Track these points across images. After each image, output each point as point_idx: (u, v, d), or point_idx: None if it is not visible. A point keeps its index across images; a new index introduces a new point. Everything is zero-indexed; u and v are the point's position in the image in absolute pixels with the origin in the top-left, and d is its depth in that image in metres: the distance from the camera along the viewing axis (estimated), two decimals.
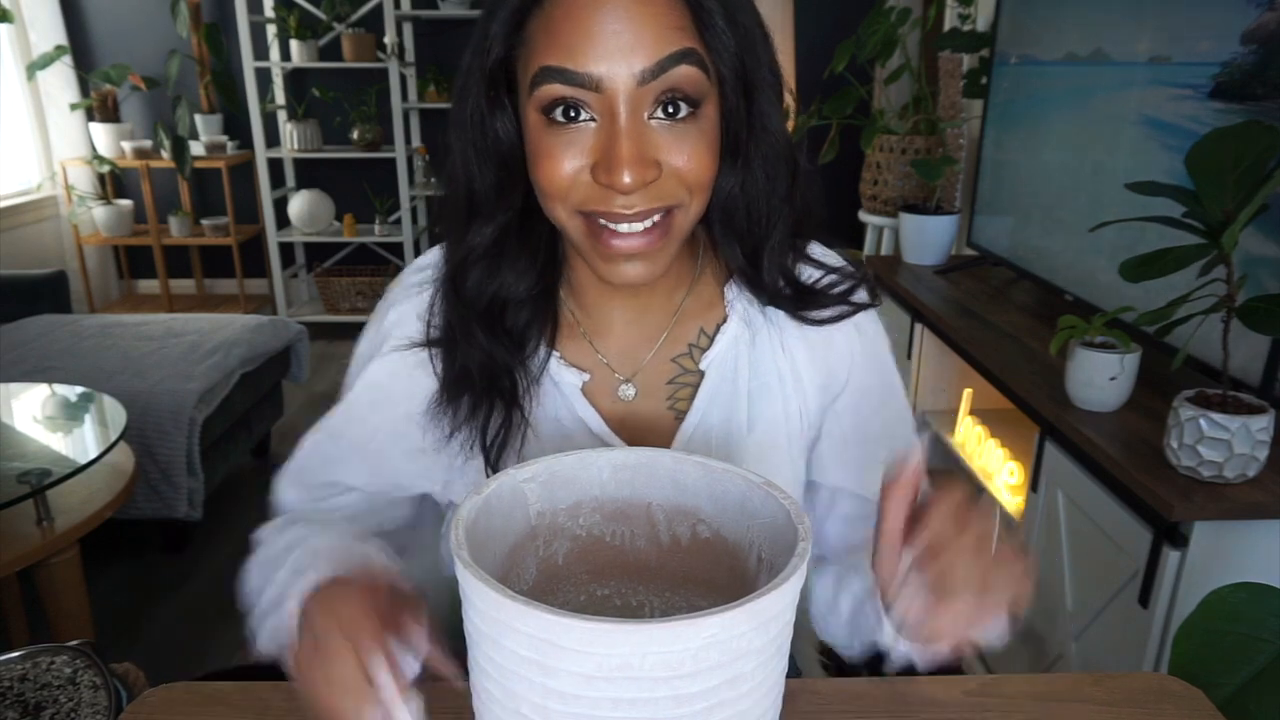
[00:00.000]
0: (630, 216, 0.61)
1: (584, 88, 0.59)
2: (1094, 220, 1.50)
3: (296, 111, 4.12)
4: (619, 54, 0.58)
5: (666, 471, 0.58)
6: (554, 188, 0.62)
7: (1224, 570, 1.17)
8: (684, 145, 0.61)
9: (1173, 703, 0.66)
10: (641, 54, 0.58)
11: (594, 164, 0.61)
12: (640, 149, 0.59)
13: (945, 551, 0.53)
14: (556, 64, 0.59)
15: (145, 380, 2.31)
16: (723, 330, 0.75)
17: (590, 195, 0.62)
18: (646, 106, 0.60)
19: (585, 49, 0.58)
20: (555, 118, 0.61)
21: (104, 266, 4.32)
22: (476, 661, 0.47)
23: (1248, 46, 1.30)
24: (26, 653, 1.05)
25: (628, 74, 0.58)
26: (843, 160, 2.86)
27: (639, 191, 0.60)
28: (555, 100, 0.60)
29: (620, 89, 0.59)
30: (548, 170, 0.62)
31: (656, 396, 0.75)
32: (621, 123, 0.59)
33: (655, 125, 0.61)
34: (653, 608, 0.61)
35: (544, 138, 0.62)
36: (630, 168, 0.59)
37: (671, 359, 0.75)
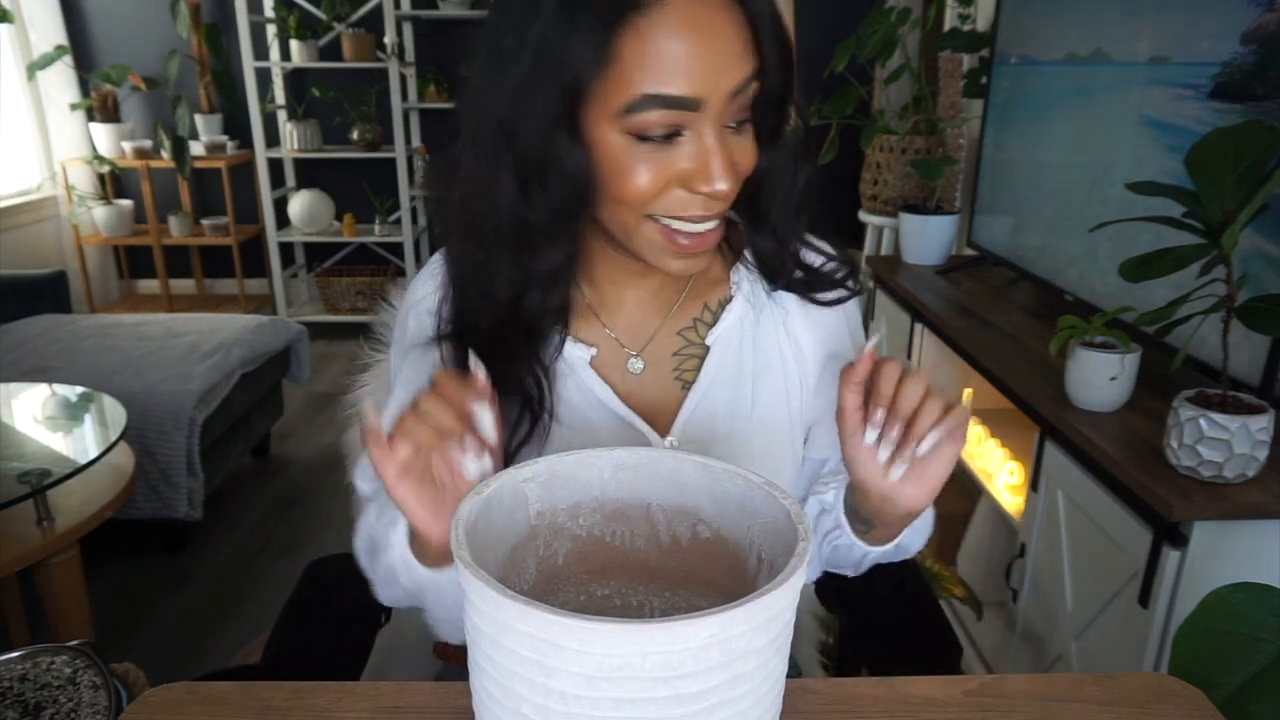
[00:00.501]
0: (711, 216, 0.66)
1: (687, 110, 0.61)
2: (1094, 220, 1.49)
3: (296, 111, 4.12)
4: (714, 75, 0.60)
5: (667, 472, 0.58)
6: (640, 200, 0.64)
7: (1224, 570, 1.17)
8: (746, 149, 0.66)
9: (1173, 703, 0.66)
10: (729, 74, 0.61)
11: (689, 175, 0.63)
12: (730, 158, 0.63)
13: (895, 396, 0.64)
14: (661, 90, 0.59)
15: (145, 380, 2.31)
16: (729, 309, 0.78)
17: (674, 203, 0.64)
18: (725, 119, 0.63)
19: (690, 72, 0.59)
20: (650, 137, 0.62)
21: (104, 266, 4.32)
22: (477, 661, 0.47)
23: (1248, 46, 1.30)
24: (26, 653, 1.05)
25: (721, 93, 0.61)
26: (843, 160, 2.86)
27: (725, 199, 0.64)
28: (654, 124, 0.61)
29: (713, 107, 0.61)
30: (634, 184, 0.63)
31: (663, 368, 0.78)
32: (715, 137, 0.62)
33: (729, 133, 0.64)
34: (653, 608, 0.61)
35: (630, 154, 0.62)
36: (726, 175, 0.63)
37: (677, 332, 0.79)
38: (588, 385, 0.76)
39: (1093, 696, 0.67)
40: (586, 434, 0.76)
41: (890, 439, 0.65)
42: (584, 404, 0.76)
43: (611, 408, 0.76)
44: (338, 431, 1.03)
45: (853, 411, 0.66)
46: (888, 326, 2.40)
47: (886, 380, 0.65)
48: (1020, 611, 1.58)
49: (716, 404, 0.77)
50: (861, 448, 0.67)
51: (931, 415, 0.64)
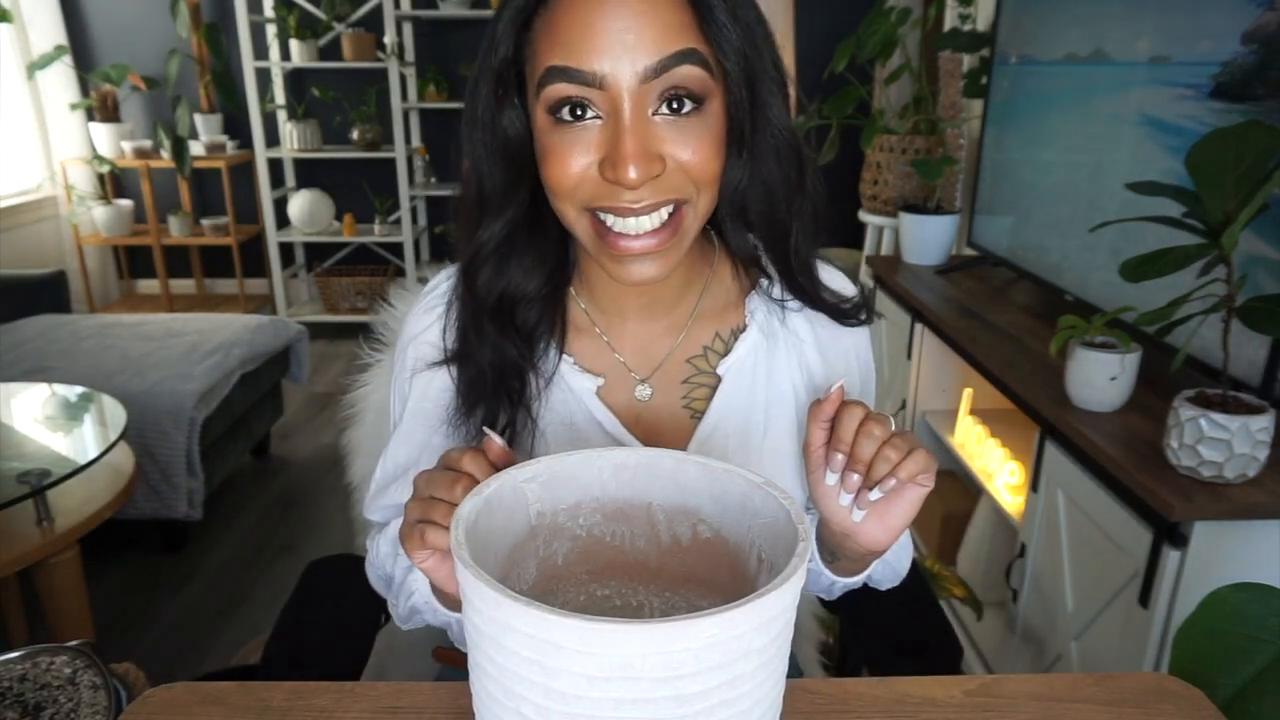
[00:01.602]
0: (638, 210, 0.62)
1: (589, 85, 0.60)
2: (1094, 220, 1.49)
3: (296, 111, 4.12)
4: (622, 51, 0.59)
5: (667, 472, 0.58)
6: (562, 186, 0.63)
7: (1224, 570, 1.17)
8: (689, 140, 0.62)
9: (1173, 703, 0.66)
10: (644, 52, 0.59)
11: (600, 160, 0.62)
12: (644, 144, 0.61)
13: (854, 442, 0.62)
14: (561, 63, 0.60)
15: (145, 380, 2.31)
16: (742, 338, 0.76)
17: (597, 192, 0.63)
18: (650, 103, 0.61)
19: (589, 48, 0.59)
20: (562, 116, 0.62)
21: (104, 266, 4.32)
22: (477, 662, 0.47)
23: (1248, 46, 1.30)
24: (26, 653, 1.05)
25: (631, 71, 0.59)
26: (843, 160, 2.86)
27: (646, 185, 0.61)
28: (562, 99, 0.61)
29: (624, 86, 0.60)
30: (556, 168, 0.63)
31: (672, 396, 0.76)
32: (626, 119, 0.60)
33: (660, 121, 0.62)
34: (653, 608, 0.61)
35: (551, 137, 0.63)
36: (635, 162, 0.60)
37: (687, 360, 0.77)
38: (593, 415, 0.74)
39: (1093, 696, 0.67)
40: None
41: (850, 484, 0.64)
42: (589, 432, 0.75)
43: (617, 437, 0.74)
44: (338, 431, 1.03)
45: (817, 449, 0.65)
46: (888, 326, 2.40)
47: (846, 425, 0.63)
48: (1020, 611, 1.58)
49: (727, 434, 0.76)
50: (823, 485, 0.66)
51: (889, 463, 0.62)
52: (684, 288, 0.76)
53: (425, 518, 0.56)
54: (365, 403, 1.06)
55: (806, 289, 0.76)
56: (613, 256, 0.65)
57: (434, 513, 0.56)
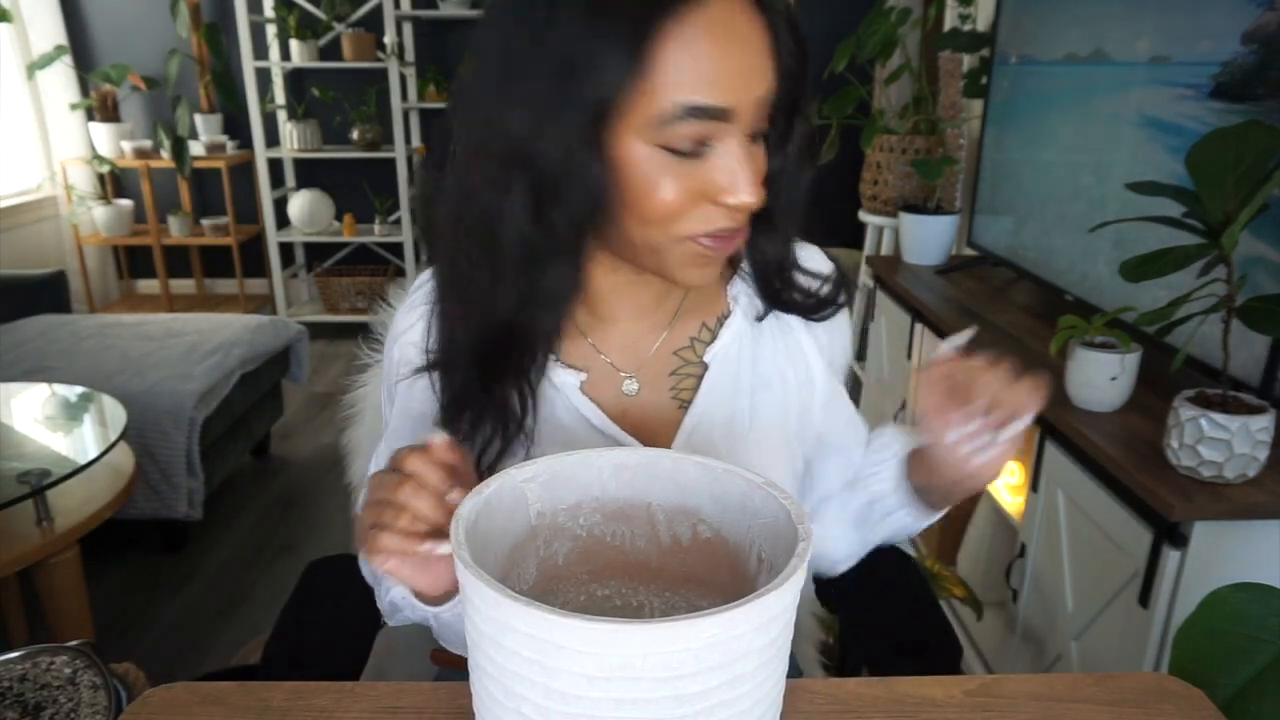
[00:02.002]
0: (738, 229, 0.64)
1: (721, 120, 0.59)
2: (1094, 220, 1.49)
3: (296, 111, 4.12)
4: (745, 82, 0.59)
5: (667, 472, 0.58)
6: (667, 215, 0.61)
7: (1224, 570, 1.17)
8: (762, 159, 0.64)
9: (1173, 703, 0.66)
10: (759, 81, 0.60)
11: (717, 188, 0.60)
12: (759, 169, 0.62)
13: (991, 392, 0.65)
14: (701, 101, 0.57)
15: (145, 380, 2.31)
16: (727, 324, 0.76)
17: (705, 217, 0.62)
18: (752, 128, 0.62)
19: (725, 80, 0.57)
20: (679, 150, 0.59)
21: (104, 266, 4.32)
22: (478, 662, 0.47)
23: (1248, 46, 1.30)
24: (26, 653, 1.05)
25: (750, 101, 0.59)
26: (843, 160, 2.86)
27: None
28: (689, 136, 0.58)
29: (744, 116, 0.60)
30: (661, 201, 0.60)
31: (660, 389, 0.76)
32: (742, 147, 0.60)
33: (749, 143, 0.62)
34: (653, 608, 0.61)
35: (658, 170, 0.59)
36: (755, 190, 0.61)
37: (674, 352, 0.77)
38: (578, 410, 0.74)
39: (1093, 696, 0.67)
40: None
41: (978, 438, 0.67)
42: (575, 428, 0.74)
43: (603, 430, 0.74)
44: (338, 431, 1.03)
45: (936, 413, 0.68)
46: (888, 326, 2.40)
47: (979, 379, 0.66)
48: (1020, 611, 1.58)
49: (714, 422, 0.76)
50: (944, 446, 0.69)
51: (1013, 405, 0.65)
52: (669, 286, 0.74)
53: (377, 522, 0.55)
54: (365, 403, 1.06)
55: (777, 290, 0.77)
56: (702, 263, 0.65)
57: (384, 515, 0.55)
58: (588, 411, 0.74)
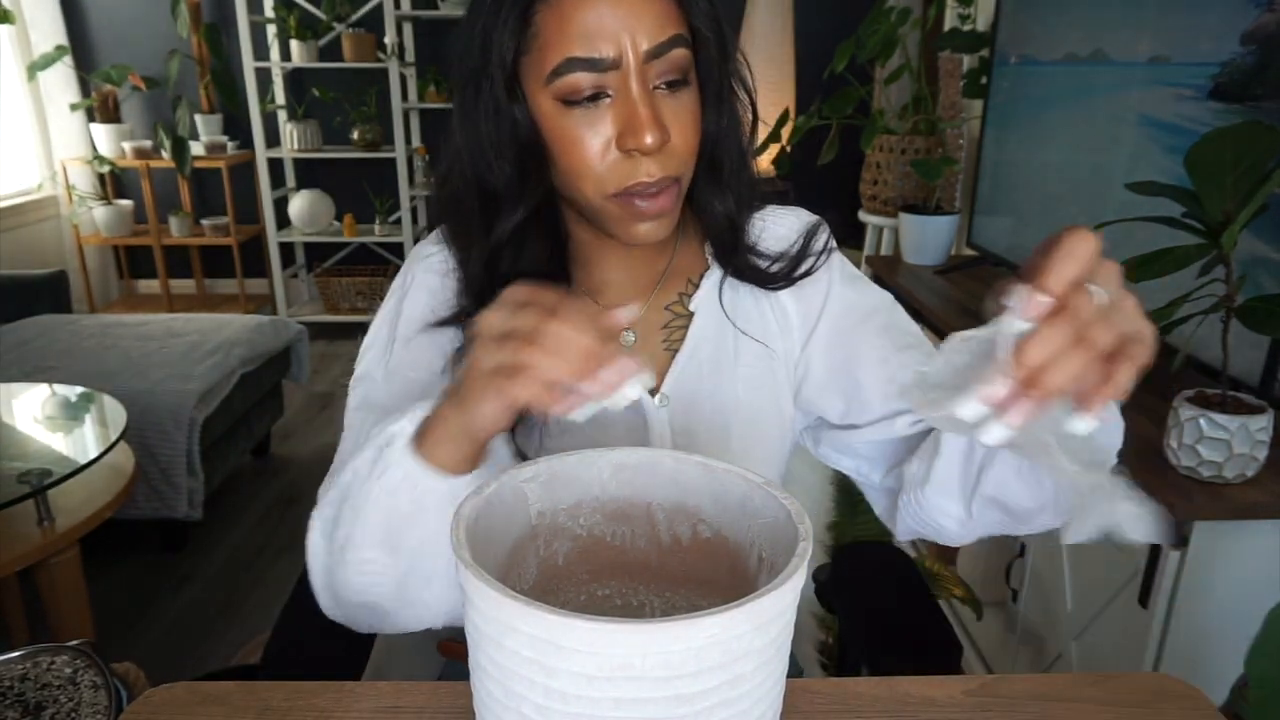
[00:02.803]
0: (655, 184, 0.69)
1: (603, 70, 0.66)
2: (1094, 220, 1.49)
3: (296, 111, 4.12)
4: (628, 34, 0.65)
5: (667, 471, 0.58)
6: (585, 168, 0.69)
7: (1224, 570, 1.17)
8: (681, 115, 0.69)
9: (1173, 703, 0.66)
10: (645, 35, 0.66)
11: (619, 134, 0.67)
12: (655, 113, 0.67)
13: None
14: (580, 54, 0.65)
15: (145, 380, 2.31)
16: (707, 275, 0.83)
17: (619, 172, 0.68)
18: (651, 80, 0.68)
19: (603, 36, 0.65)
20: (576, 101, 0.67)
21: (104, 266, 4.32)
22: (478, 662, 0.47)
23: (1247, 47, 1.30)
24: (26, 653, 1.05)
25: (637, 52, 0.66)
26: (843, 160, 2.86)
27: (656, 159, 0.68)
28: (578, 88, 0.66)
29: (632, 65, 0.66)
30: (576, 151, 0.68)
31: (653, 340, 0.82)
32: (637, 93, 0.67)
33: (659, 95, 0.68)
34: (653, 608, 0.61)
35: (564, 122, 0.68)
36: (650, 127, 0.66)
37: (665, 307, 0.83)
38: None
39: (1093, 696, 0.67)
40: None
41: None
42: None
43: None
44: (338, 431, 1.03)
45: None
46: None
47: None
48: (1020, 611, 1.58)
49: (701, 364, 0.81)
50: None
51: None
52: (658, 249, 0.82)
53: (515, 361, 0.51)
54: None
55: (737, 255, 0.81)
56: (635, 219, 0.70)
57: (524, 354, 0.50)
58: None
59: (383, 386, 0.78)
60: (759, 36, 3.45)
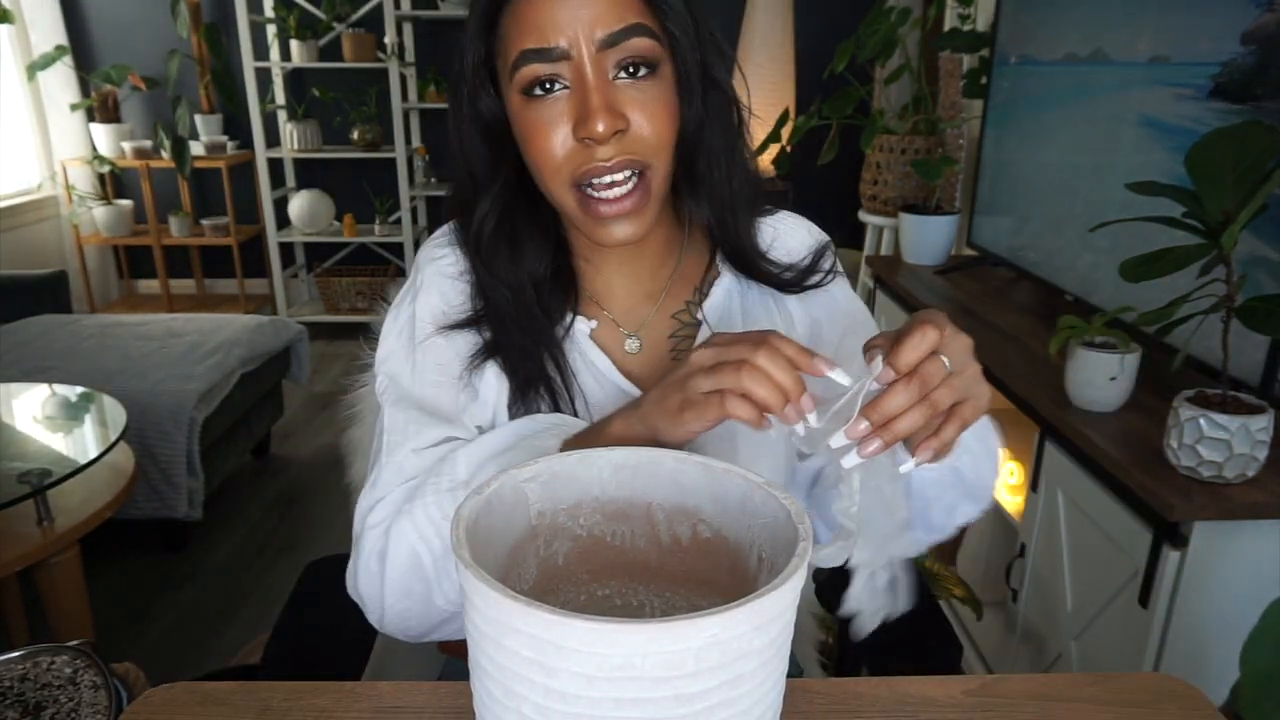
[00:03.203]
0: (610, 168, 0.69)
1: (554, 60, 0.68)
2: (1094, 220, 1.49)
3: (296, 111, 4.12)
4: (580, 26, 0.67)
5: (667, 471, 0.58)
6: (546, 160, 0.70)
7: (1224, 570, 1.17)
8: (646, 102, 0.70)
9: (1173, 703, 0.66)
10: (599, 25, 0.67)
11: (574, 123, 0.69)
12: (608, 101, 0.68)
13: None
14: (531, 46, 0.68)
15: (145, 380, 2.31)
16: (718, 283, 0.83)
17: (576, 159, 0.69)
18: (610, 70, 0.69)
19: (552, 28, 0.67)
20: (534, 93, 0.69)
21: (104, 266, 4.31)
22: (477, 662, 0.47)
23: (1247, 47, 1.30)
24: (26, 653, 1.05)
25: (589, 41, 0.67)
26: (843, 160, 2.86)
27: (613, 143, 0.68)
28: (533, 78, 0.69)
29: (585, 55, 0.68)
30: (536, 143, 0.70)
31: (660, 349, 0.82)
32: (590, 80, 0.68)
33: (620, 84, 0.69)
34: (653, 608, 0.61)
35: (527, 114, 0.70)
36: (601, 115, 0.67)
37: (672, 315, 0.83)
38: (589, 358, 0.79)
39: (1093, 696, 0.67)
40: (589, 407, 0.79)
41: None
42: (586, 379, 0.79)
43: (612, 379, 0.79)
44: (338, 431, 1.03)
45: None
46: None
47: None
48: (1020, 611, 1.58)
49: None
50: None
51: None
52: (663, 254, 0.83)
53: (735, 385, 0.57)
54: (365, 403, 1.06)
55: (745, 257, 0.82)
56: (597, 220, 0.71)
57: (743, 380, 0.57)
58: (599, 361, 0.79)
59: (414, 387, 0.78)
60: (759, 36, 3.45)
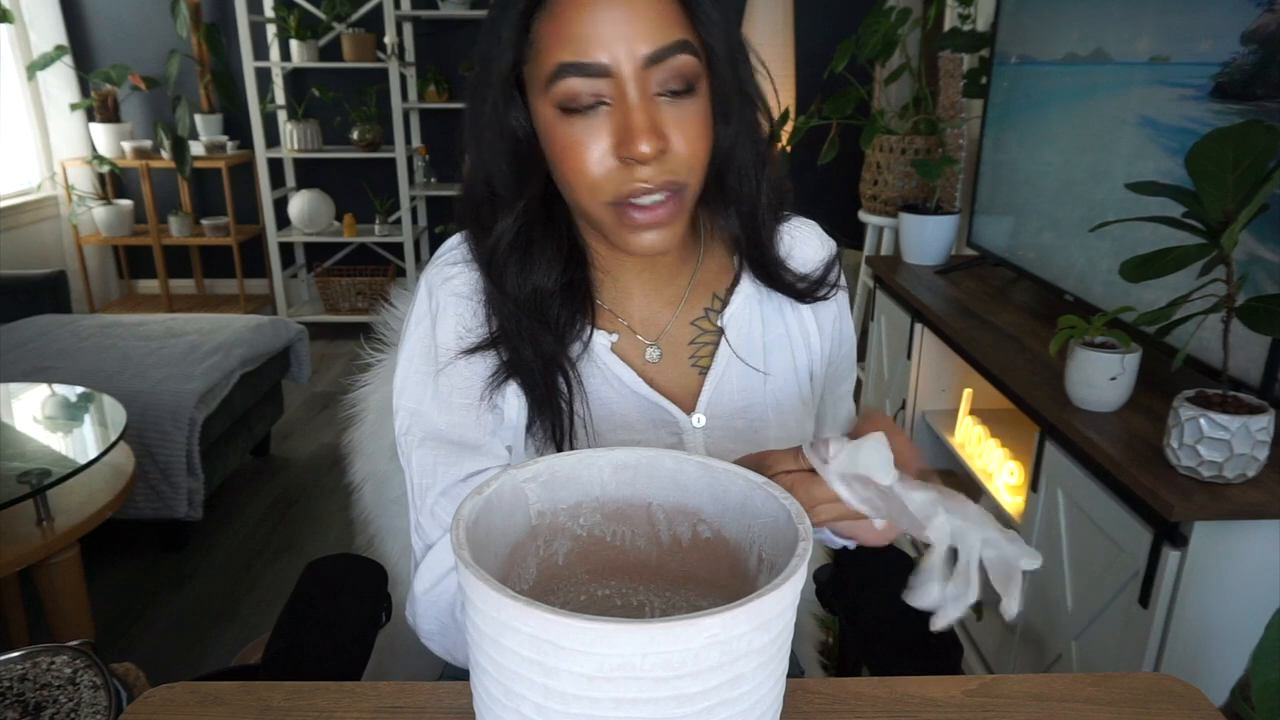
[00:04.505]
0: (651, 189, 0.68)
1: (595, 76, 0.65)
2: (1094, 220, 1.49)
3: (296, 111, 4.12)
4: (624, 41, 0.65)
5: (667, 472, 0.58)
6: (581, 177, 0.68)
7: (1224, 570, 1.17)
8: (685, 120, 0.68)
9: (1173, 703, 0.66)
10: (643, 41, 0.65)
11: (616, 142, 0.67)
12: (653, 121, 0.66)
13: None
14: (571, 59, 0.65)
15: (145, 380, 2.31)
16: (737, 290, 0.82)
17: (616, 179, 0.68)
18: (652, 88, 0.67)
19: (595, 42, 0.65)
20: (572, 109, 0.67)
21: (104, 266, 4.31)
22: (477, 661, 0.47)
23: (1248, 46, 1.30)
24: (26, 653, 1.05)
25: (634, 59, 0.65)
26: (843, 160, 2.86)
27: (654, 165, 0.67)
28: (573, 94, 0.66)
29: (628, 73, 0.65)
30: (572, 159, 0.68)
31: (680, 357, 0.82)
32: (633, 100, 0.66)
33: (661, 102, 0.67)
34: (653, 608, 0.61)
35: (561, 129, 0.68)
36: (646, 136, 0.65)
37: (691, 322, 0.82)
38: (612, 371, 0.79)
39: (1093, 696, 0.67)
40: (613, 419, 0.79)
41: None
42: (609, 391, 0.79)
43: (636, 390, 0.79)
44: (338, 431, 1.03)
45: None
46: (887, 326, 2.40)
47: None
48: (1020, 611, 1.58)
49: (732, 382, 0.82)
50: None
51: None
52: (680, 262, 0.82)
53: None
54: (366, 403, 1.06)
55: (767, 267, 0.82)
56: (630, 229, 0.70)
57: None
58: (622, 373, 0.79)
59: (438, 418, 0.77)
60: (759, 36, 3.45)
